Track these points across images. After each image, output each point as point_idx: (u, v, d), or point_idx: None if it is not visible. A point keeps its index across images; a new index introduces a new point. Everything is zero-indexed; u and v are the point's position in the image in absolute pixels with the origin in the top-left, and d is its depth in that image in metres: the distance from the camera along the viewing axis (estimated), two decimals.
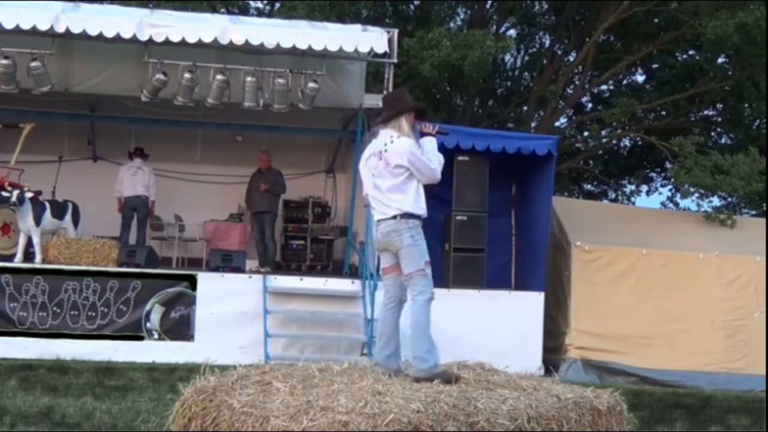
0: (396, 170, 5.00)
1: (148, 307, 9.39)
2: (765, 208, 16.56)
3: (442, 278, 10.33)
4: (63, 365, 8.42)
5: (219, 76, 10.14)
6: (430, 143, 5.14)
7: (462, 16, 19.63)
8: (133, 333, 9.34)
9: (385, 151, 5.04)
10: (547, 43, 20.48)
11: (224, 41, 9.62)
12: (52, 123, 11.67)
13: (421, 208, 5.06)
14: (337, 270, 12.22)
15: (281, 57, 10.26)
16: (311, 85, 10.26)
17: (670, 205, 20.36)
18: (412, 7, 19.06)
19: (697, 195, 14.52)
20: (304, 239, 13.03)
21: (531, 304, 10.09)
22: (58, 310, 9.23)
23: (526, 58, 20.53)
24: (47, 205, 10.36)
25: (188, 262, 12.50)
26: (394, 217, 5.00)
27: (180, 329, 9.45)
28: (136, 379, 7.92)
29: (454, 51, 13.67)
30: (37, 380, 7.58)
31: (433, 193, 10.66)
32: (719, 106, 19.56)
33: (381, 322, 5.17)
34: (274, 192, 11.86)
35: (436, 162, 5.09)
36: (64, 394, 7.01)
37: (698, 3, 15.40)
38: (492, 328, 9.62)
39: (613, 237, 11.14)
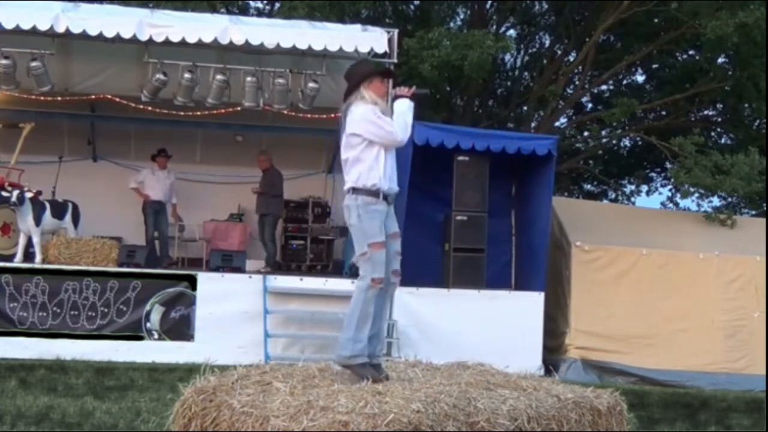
0: (352, 139, 4.69)
1: (148, 307, 9.38)
2: (765, 208, 16.55)
3: (442, 278, 10.35)
4: (63, 365, 8.41)
5: (219, 76, 10.16)
6: (401, 105, 4.80)
7: (462, 16, 19.63)
8: (133, 333, 9.32)
9: (345, 122, 4.75)
10: (547, 43, 20.48)
11: (224, 41, 9.63)
12: (52, 123, 11.68)
13: (372, 180, 4.64)
14: (337, 270, 12.21)
15: (281, 57, 10.27)
16: (311, 85, 10.28)
17: (670, 205, 20.35)
18: (412, 7, 19.05)
19: (697, 195, 14.52)
20: (304, 239, 13.02)
21: (531, 304, 10.08)
22: (58, 310, 9.22)
23: (526, 58, 20.52)
24: (47, 205, 10.35)
25: (188, 262, 12.49)
26: (348, 191, 4.72)
27: (180, 329, 9.43)
28: (136, 379, 7.92)
29: (454, 51, 13.65)
30: (37, 380, 7.58)
31: (434, 193, 10.81)
32: (719, 106, 19.56)
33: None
34: (269, 193, 11.86)
35: (398, 123, 4.70)
36: (64, 394, 7.01)
37: (698, 3, 15.38)
38: (492, 328, 9.61)
39: (613, 237, 11.14)
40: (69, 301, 9.25)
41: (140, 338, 9.34)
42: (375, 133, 4.67)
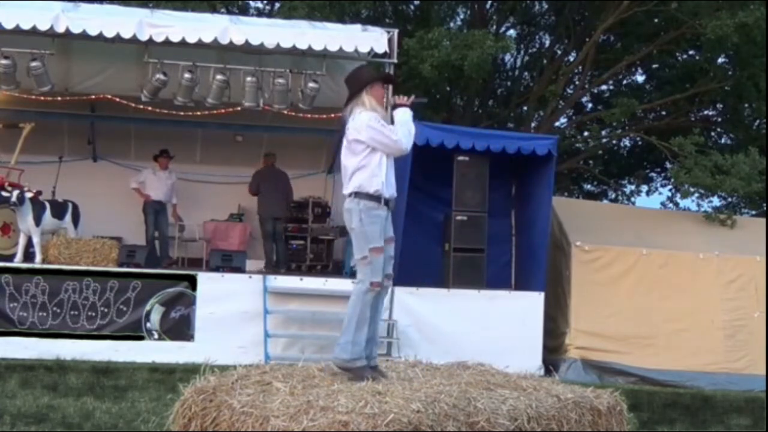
0: (355, 146, 4.79)
1: (148, 307, 9.37)
2: (765, 208, 16.56)
3: (442, 278, 10.35)
4: (63, 365, 8.41)
5: (219, 76, 10.17)
6: (402, 114, 4.90)
7: (462, 16, 19.64)
8: (133, 333, 9.32)
9: (347, 129, 4.86)
10: (547, 43, 20.50)
11: (224, 41, 9.63)
12: (52, 123, 11.68)
13: (375, 186, 4.75)
14: (337, 270, 12.21)
15: (281, 57, 10.27)
16: (311, 85, 10.28)
17: (670, 205, 20.35)
18: (412, 7, 19.06)
19: (697, 195, 14.52)
20: (304, 239, 13.01)
21: (531, 304, 10.08)
22: (58, 310, 9.21)
23: (526, 58, 20.53)
24: (47, 205, 10.35)
25: (188, 262, 12.49)
26: (349, 195, 4.82)
27: (180, 329, 9.42)
28: (136, 379, 7.92)
29: (454, 51, 13.66)
30: (37, 380, 7.58)
31: (434, 193, 10.82)
32: (719, 106, 19.58)
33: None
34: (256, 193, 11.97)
35: (401, 132, 4.80)
36: (64, 394, 7.01)
37: (698, 3, 15.40)
38: (492, 328, 9.61)
39: (613, 237, 11.13)
40: (69, 301, 9.24)
41: (140, 338, 9.33)
42: (379, 141, 4.77)
